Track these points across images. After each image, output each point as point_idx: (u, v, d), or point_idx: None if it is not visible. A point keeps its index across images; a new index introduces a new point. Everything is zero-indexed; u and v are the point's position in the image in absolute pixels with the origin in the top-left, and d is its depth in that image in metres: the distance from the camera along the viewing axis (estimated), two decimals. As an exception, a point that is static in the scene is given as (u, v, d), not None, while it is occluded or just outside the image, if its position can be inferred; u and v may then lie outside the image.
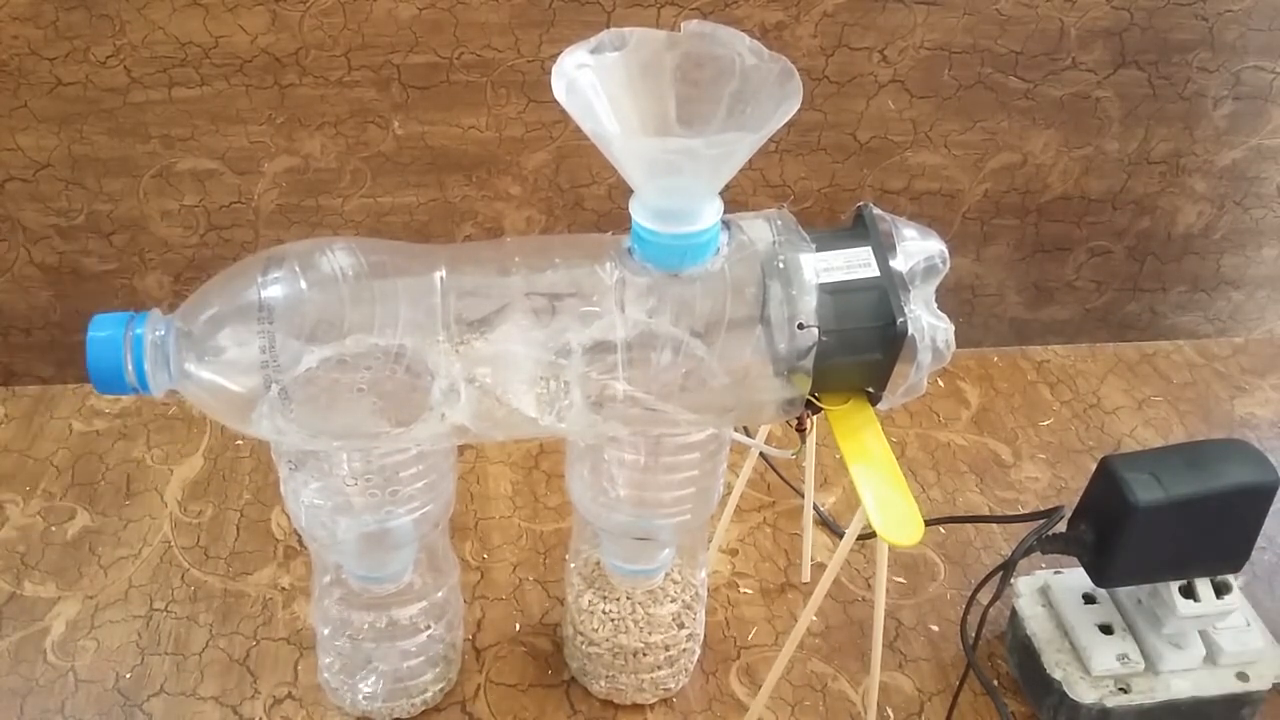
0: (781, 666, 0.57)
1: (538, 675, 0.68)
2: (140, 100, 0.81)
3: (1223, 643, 0.63)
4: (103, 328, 0.47)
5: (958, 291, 1.02)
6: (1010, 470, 0.85)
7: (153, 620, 0.70)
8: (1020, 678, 0.68)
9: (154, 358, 0.47)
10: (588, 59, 0.45)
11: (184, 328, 0.47)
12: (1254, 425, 0.91)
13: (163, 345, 0.47)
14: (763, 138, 0.44)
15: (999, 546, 0.78)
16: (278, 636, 0.70)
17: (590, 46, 0.45)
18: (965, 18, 0.86)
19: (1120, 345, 1.00)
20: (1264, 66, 0.92)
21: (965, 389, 0.94)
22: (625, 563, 0.61)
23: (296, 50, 0.80)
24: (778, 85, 0.45)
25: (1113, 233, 1.01)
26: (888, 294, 0.48)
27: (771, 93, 0.45)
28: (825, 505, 0.80)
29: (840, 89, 0.88)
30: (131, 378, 0.47)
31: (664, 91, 0.46)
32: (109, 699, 0.65)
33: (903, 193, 0.95)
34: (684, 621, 0.64)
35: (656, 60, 0.46)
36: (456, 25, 0.80)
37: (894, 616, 0.73)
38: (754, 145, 0.44)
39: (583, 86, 0.45)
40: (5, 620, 0.70)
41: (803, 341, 0.48)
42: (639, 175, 0.46)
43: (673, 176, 0.46)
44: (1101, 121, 0.93)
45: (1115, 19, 0.88)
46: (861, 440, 0.51)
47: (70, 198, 0.85)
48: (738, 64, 0.46)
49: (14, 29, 0.77)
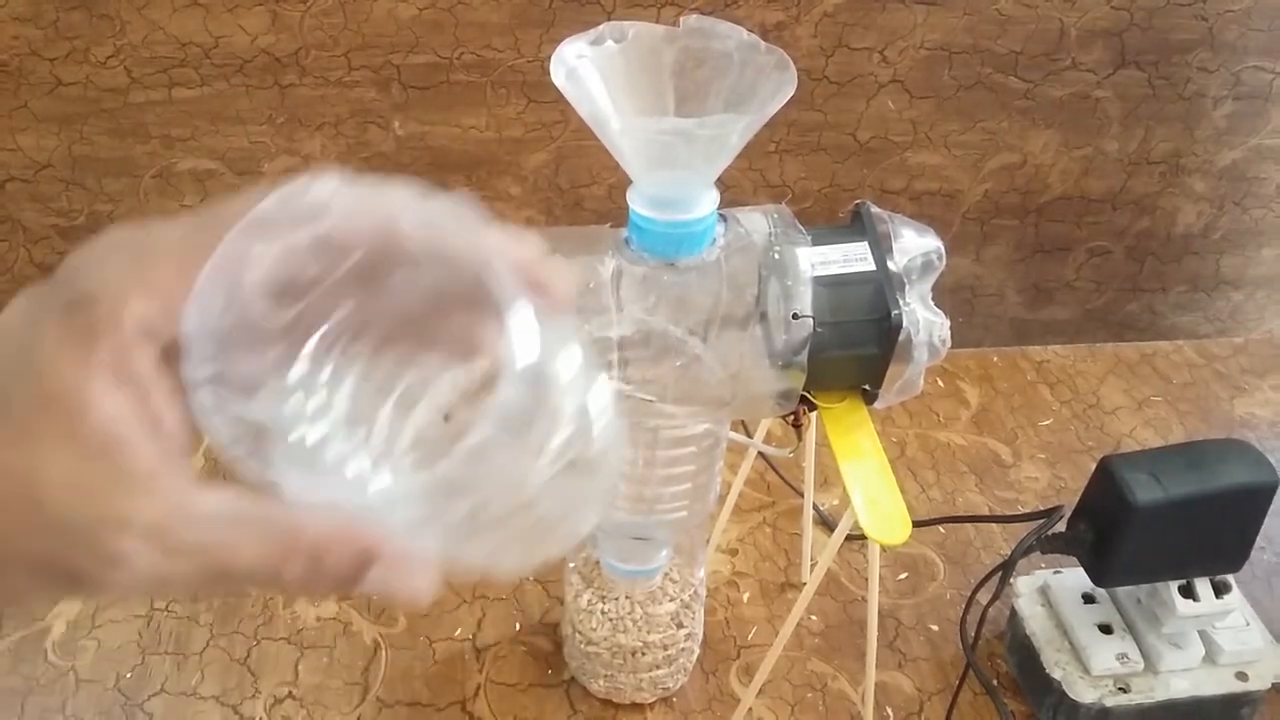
0: (774, 657, 0.57)
1: (538, 675, 0.68)
2: (140, 100, 0.81)
3: (1222, 642, 0.63)
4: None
5: (958, 291, 1.02)
6: (1010, 470, 0.85)
7: (153, 620, 0.70)
8: (1020, 677, 0.68)
9: None
10: (587, 50, 0.45)
11: None
12: (1253, 425, 0.91)
13: None
14: (757, 121, 0.44)
15: (999, 546, 0.78)
16: (278, 636, 0.70)
17: (590, 38, 0.46)
18: (965, 18, 0.86)
19: (1120, 345, 1.00)
20: (1264, 66, 0.92)
21: (965, 389, 0.94)
22: (623, 563, 0.61)
23: (296, 50, 0.80)
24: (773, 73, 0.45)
25: (1113, 233, 1.01)
26: (883, 287, 0.48)
27: (767, 81, 0.45)
28: (825, 505, 0.80)
29: (840, 89, 0.88)
30: None
31: (662, 84, 0.47)
32: (110, 698, 0.65)
33: (903, 193, 0.95)
34: (683, 621, 0.64)
35: (655, 54, 0.46)
36: (456, 25, 0.81)
37: (893, 616, 0.73)
38: (748, 129, 0.45)
39: (582, 74, 0.45)
40: (6, 620, 0.70)
41: (798, 333, 0.48)
42: (635, 160, 0.46)
43: (669, 162, 0.46)
44: (1101, 121, 0.93)
45: (1115, 19, 0.88)
46: (854, 439, 0.51)
47: (70, 198, 0.85)
48: (735, 57, 0.46)
49: (14, 29, 0.77)
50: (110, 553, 0.26)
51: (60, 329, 0.26)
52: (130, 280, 0.26)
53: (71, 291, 0.26)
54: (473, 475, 0.26)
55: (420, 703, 0.66)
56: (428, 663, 0.68)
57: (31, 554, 0.26)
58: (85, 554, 0.26)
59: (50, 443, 0.25)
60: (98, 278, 0.26)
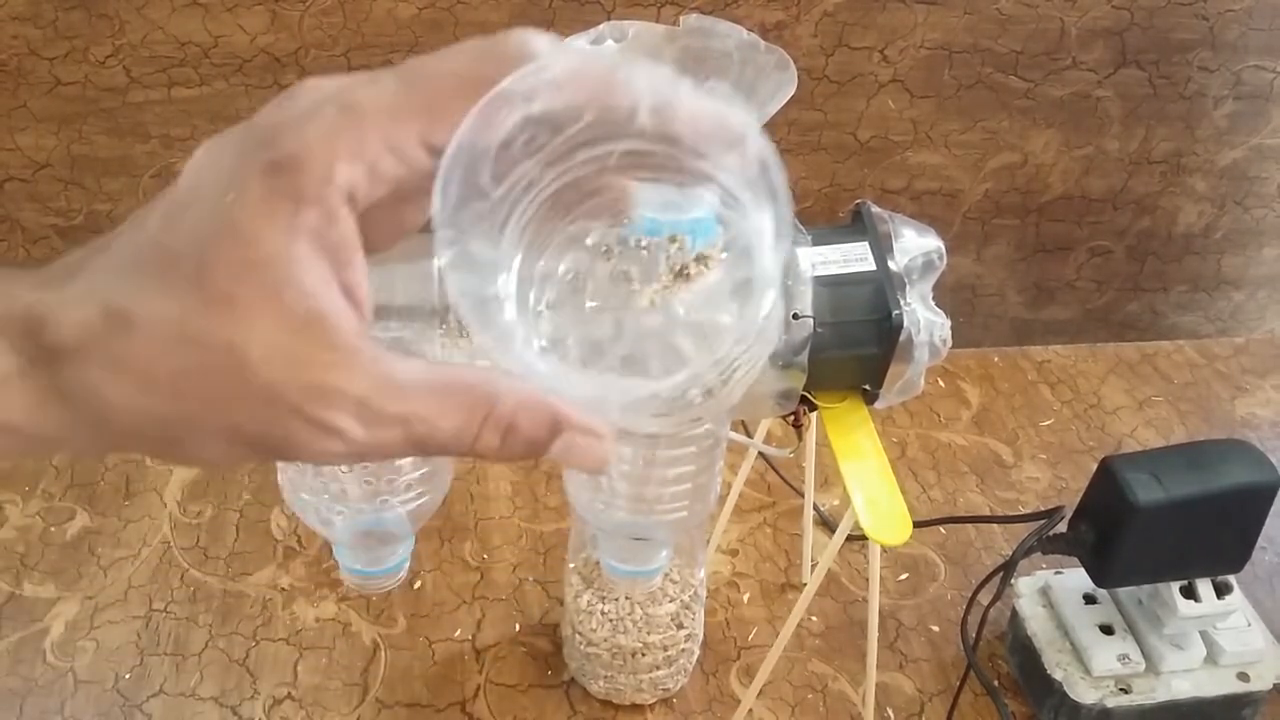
0: (774, 658, 0.57)
1: (537, 675, 0.68)
2: (139, 100, 0.81)
3: (1223, 643, 0.63)
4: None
5: (958, 291, 1.02)
6: (1011, 470, 0.85)
7: (152, 621, 0.70)
8: (1021, 678, 0.68)
9: None
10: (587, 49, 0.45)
11: None
12: (1255, 425, 0.91)
13: None
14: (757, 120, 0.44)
15: (999, 547, 0.78)
16: (277, 637, 0.69)
17: (590, 37, 0.45)
18: (965, 17, 0.86)
19: (1121, 345, 1.00)
20: (1265, 66, 0.92)
21: (966, 389, 0.93)
22: (622, 564, 0.61)
23: (296, 50, 0.80)
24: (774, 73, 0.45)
25: (1113, 232, 1.01)
26: (884, 287, 0.48)
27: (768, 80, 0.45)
28: (826, 505, 0.80)
29: (840, 89, 0.88)
30: None
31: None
32: (108, 699, 0.65)
33: (903, 192, 0.95)
34: (683, 622, 0.64)
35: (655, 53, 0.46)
36: (456, 25, 0.80)
37: (894, 617, 0.72)
38: None
39: None
40: (5, 621, 0.70)
41: (798, 333, 0.48)
42: None
43: None
44: (1102, 121, 0.93)
45: (1116, 18, 0.88)
46: (854, 439, 0.51)
47: (69, 198, 0.85)
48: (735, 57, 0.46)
49: (13, 29, 0.77)
50: (321, 423, 0.26)
51: (263, 189, 0.25)
52: (338, 142, 0.25)
53: (274, 151, 0.25)
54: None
55: (420, 704, 0.66)
56: (427, 663, 0.68)
57: (232, 423, 0.26)
58: (294, 425, 0.26)
59: (255, 312, 0.25)
60: (303, 137, 0.25)
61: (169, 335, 0.25)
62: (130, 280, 0.26)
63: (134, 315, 0.25)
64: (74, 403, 0.26)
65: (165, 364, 0.25)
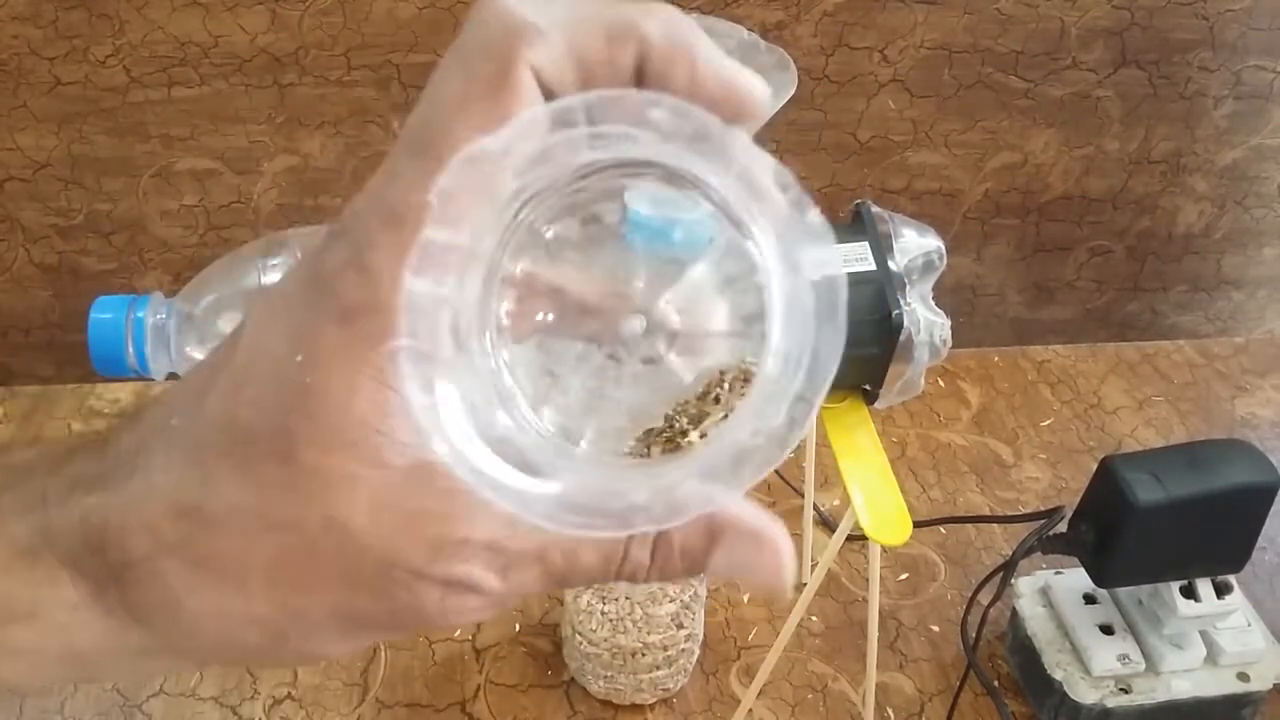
0: (774, 658, 0.57)
1: (537, 676, 0.68)
2: (140, 100, 0.81)
3: (1223, 643, 0.63)
4: (105, 310, 0.47)
5: (958, 291, 1.02)
6: (1011, 470, 0.85)
7: (151, 620, 0.70)
8: (1021, 678, 0.68)
9: (155, 340, 0.47)
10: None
11: (186, 311, 0.47)
12: (1255, 425, 0.91)
13: (164, 328, 0.47)
14: None
15: (999, 547, 0.78)
16: (276, 636, 0.69)
17: None
18: (965, 17, 0.86)
19: (1121, 345, 1.00)
20: (1265, 66, 0.92)
21: (966, 389, 0.93)
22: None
23: (296, 50, 0.80)
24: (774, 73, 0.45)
25: (1113, 232, 1.01)
26: (884, 287, 0.48)
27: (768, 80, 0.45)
28: (826, 505, 0.80)
29: (840, 88, 0.88)
30: (132, 360, 0.47)
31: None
32: (108, 699, 0.65)
33: (903, 192, 0.95)
34: (682, 622, 0.64)
35: None
36: (456, 25, 0.80)
37: (894, 617, 0.72)
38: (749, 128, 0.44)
39: None
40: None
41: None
42: None
43: None
44: (1102, 121, 0.93)
45: (1116, 18, 0.88)
46: (854, 439, 0.51)
47: (69, 197, 0.85)
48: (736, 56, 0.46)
49: (14, 28, 0.77)
50: (452, 581, 0.23)
51: (339, 339, 0.22)
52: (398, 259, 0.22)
53: (342, 298, 0.22)
54: None
55: (420, 704, 0.66)
56: (427, 663, 0.68)
57: (345, 606, 0.23)
58: (420, 590, 0.23)
59: (350, 478, 0.22)
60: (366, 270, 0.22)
61: (253, 525, 0.22)
62: (197, 468, 0.23)
63: (209, 510, 0.22)
64: (153, 621, 0.24)
65: (254, 558, 0.23)
